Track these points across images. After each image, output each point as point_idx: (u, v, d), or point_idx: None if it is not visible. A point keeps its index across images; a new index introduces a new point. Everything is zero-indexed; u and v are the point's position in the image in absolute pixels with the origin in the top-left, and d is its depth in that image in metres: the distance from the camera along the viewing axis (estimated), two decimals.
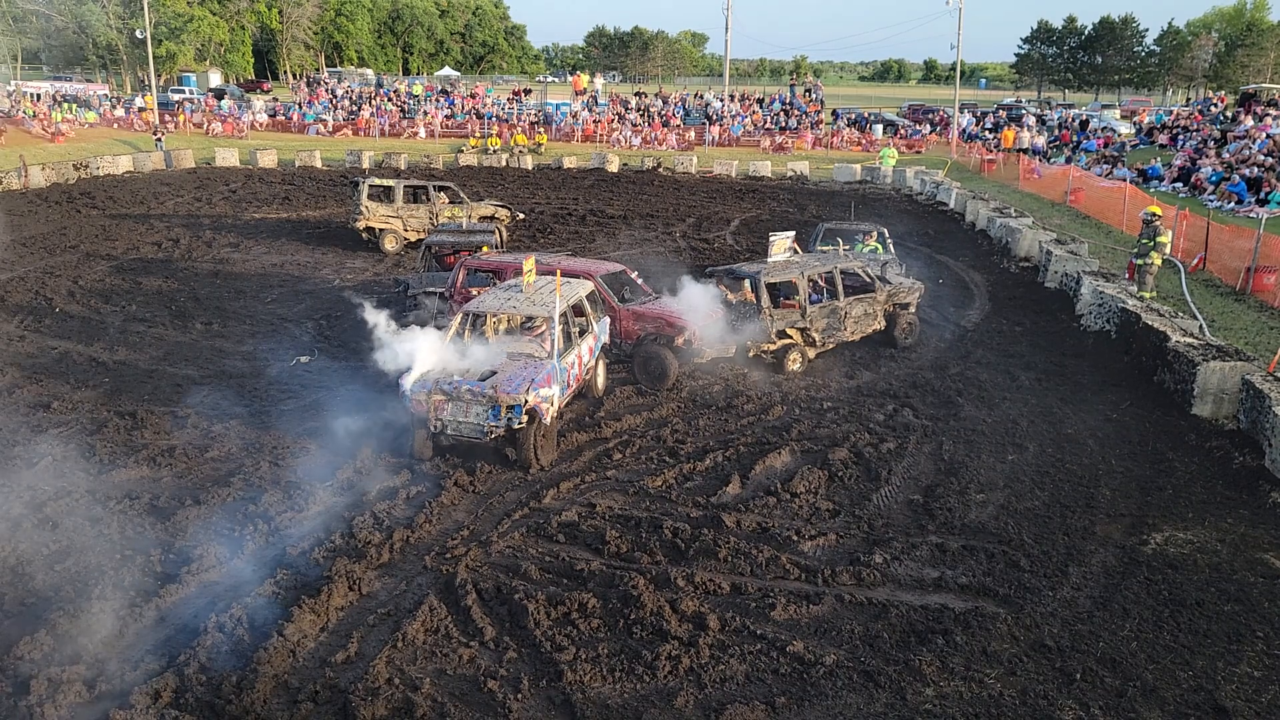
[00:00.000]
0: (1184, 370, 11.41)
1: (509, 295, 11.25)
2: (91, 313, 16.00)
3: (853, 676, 6.38)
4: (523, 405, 9.58)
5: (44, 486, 9.14)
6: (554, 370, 10.21)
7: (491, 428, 9.71)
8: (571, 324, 11.08)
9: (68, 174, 33.29)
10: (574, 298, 11.37)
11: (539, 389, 9.75)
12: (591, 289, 12.34)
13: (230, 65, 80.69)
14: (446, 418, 9.82)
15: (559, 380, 10.29)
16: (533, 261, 11.50)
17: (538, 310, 10.71)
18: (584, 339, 11.40)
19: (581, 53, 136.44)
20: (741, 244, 23.19)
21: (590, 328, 11.80)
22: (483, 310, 11.02)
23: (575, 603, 7.16)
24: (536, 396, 9.68)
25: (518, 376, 9.91)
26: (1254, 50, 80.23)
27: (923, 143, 46.25)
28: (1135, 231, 18.66)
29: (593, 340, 11.78)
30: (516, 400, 9.56)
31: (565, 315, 11.02)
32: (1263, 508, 8.90)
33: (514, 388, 9.66)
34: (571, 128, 48.19)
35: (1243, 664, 6.56)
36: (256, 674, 6.29)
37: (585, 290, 11.94)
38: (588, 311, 11.86)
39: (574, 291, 11.50)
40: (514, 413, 9.60)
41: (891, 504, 9.10)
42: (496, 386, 9.69)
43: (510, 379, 9.86)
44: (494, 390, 9.63)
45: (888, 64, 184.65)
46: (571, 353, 10.85)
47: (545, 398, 9.82)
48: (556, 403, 10.25)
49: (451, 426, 9.84)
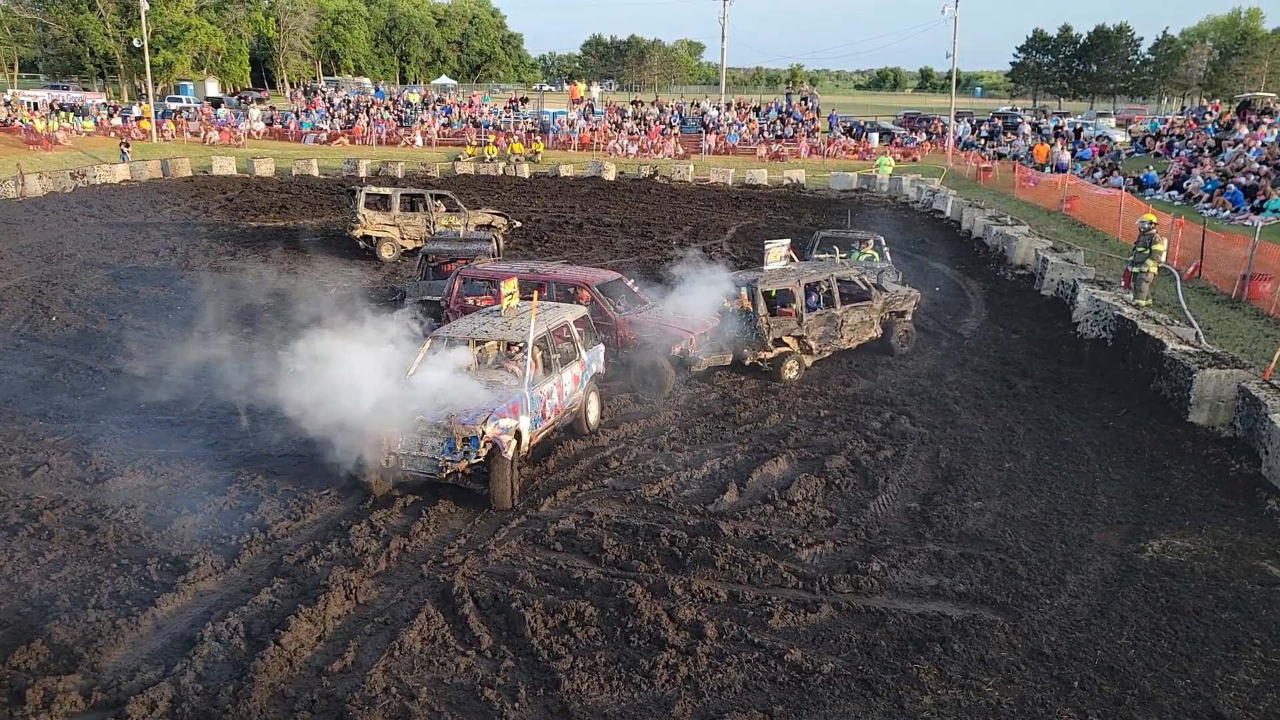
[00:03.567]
0: (1180, 378, 11.43)
1: (484, 320, 10.64)
2: (88, 321, 15.98)
3: (850, 685, 6.37)
4: (479, 437, 8.66)
5: (40, 495, 9.12)
6: (522, 400, 9.39)
7: (447, 463, 8.77)
8: (552, 350, 10.36)
9: (64, 183, 33.26)
10: (556, 322, 10.62)
11: (499, 420, 8.86)
12: (582, 314, 11.54)
13: (227, 74, 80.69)
14: (400, 451, 8.91)
15: (529, 411, 9.47)
16: (514, 284, 10.74)
17: (511, 335, 10.08)
18: (568, 367, 10.62)
19: (578, 61, 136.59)
20: (738, 252, 23.22)
21: (577, 355, 10.96)
22: (453, 336, 10.33)
23: (572, 611, 7.15)
24: (496, 428, 8.78)
25: (477, 405, 9.08)
26: (1248, 59, 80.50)
27: (918, 151, 46.37)
28: (1131, 239, 18.69)
29: (579, 368, 10.86)
30: (472, 431, 8.66)
31: (544, 341, 10.26)
32: (1259, 515, 8.91)
33: (471, 417, 8.80)
34: (568, 136, 48.30)
35: (1240, 671, 6.56)
36: (253, 683, 6.27)
37: (574, 315, 11.15)
38: (575, 337, 10.98)
39: (557, 316, 10.80)
40: (470, 446, 8.67)
41: (889, 512, 9.10)
42: (451, 417, 8.83)
43: (469, 409, 9.01)
44: (448, 420, 8.79)
45: (883, 72, 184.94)
46: (549, 381, 10.07)
47: (506, 429, 8.91)
48: (526, 436, 9.44)
49: (406, 461, 8.93)
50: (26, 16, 70.29)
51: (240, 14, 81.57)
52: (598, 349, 11.60)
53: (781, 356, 13.20)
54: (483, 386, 9.64)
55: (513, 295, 10.58)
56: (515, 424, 9.14)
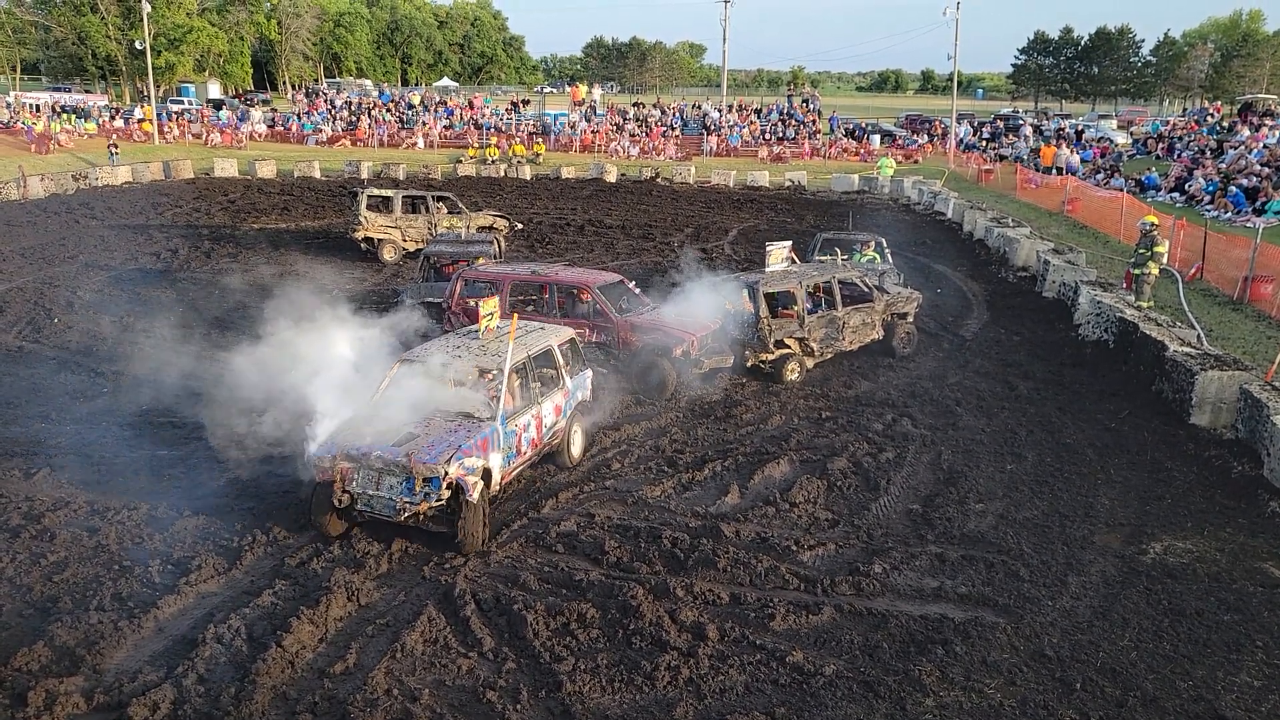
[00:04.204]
0: (1182, 380, 11.42)
1: (458, 342, 9.78)
2: (90, 323, 15.99)
3: (852, 687, 6.37)
4: (441, 478, 7.86)
5: (42, 497, 9.13)
6: (493, 435, 8.58)
7: (405, 505, 7.96)
8: (531, 378, 9.53)
9: (66, 184, 33.32)
10: (538, 347, 9.81)
11: (464, 458, 8.06)
12: (569, 337, 10.67)
13: (229, 76, 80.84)
14: (355, 489, 8.13)
15: (501, 447, 8.69)
16: (493, 304, 9.99)
17: (486, 361, 9.22)
18: (550, 395, 9.78)
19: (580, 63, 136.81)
20: (739, 254, 23.23)
21: (561, 382, 10.12)
22: (423, 359, 9.39)
23: (574, 613, 7.15)
24: (460, 467, 7.98)
25: (442, 442, 8.20)
26: (1250, 60, 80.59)
27: (920, 152, 46.37)
28: (1132, 241, 18.71)
29: (562, 397, 10.03)
30: (434, 471, 7.85)
31: (524, 368, 9.47)
32: (1261, 517, 8.90)
33: (433, 455, 7.97)
34: (569, 138, 48.34)
35: (1242, 673, 6.56)
36: (255, 685, 6.28)
37: (559, 339, 10.32)
38: (559, 363, 10.14)
39: (540, 340, 9.99)
40: (431, 487, 7.89)
41: (891, 514, 9.10)
42: (411, 454, 7.98)
43: (432, 444, 8.16)
44: (408, 458, 7.95)
45: (885, 74, 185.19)
46: (527, 413, 9.24)
47: (471, 469, 8.10)
48: (497, 474, 8.65)
49: (362, 501, 8.14)
50: (29, 19, 70.49)
51: (242, 16, 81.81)
52: (584, 375, 10.78)
53: (783, 358, 13.20)
54: (450, 418, 8.75)
55: (492, 316, 9.90)
56: (483, 463, 8.32)
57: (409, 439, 8.26)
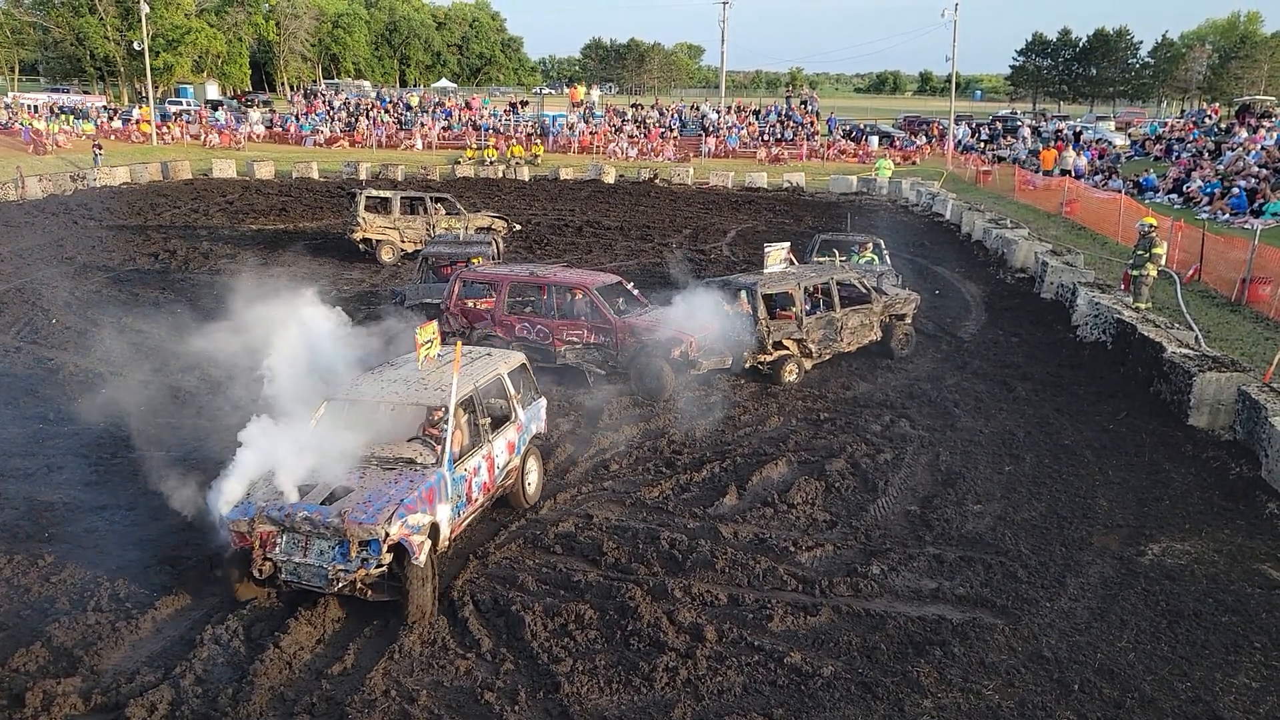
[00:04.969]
0: (1180, 381, 11.43)
1: (395, 376, 8.52)
2: (88, 324, 15.97)
3: (850, 688, 6.37)
4: (381, 540, 6.78)
5: (41, 497, 9.11)
6: (440, 483, 7.50)
7: (339, 573, 6.83)
8: (480, 414, 8.39)
9: (64, 185, 33.29)
10: (486, 377, 8.68)
11: (407, 515, 6.96)
12: (519, 363, 9.53)
13: (227, 77, 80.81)
14: (278, 557, 6.98)
15: (450, 496, 7.62)
16: (432, 330, 8.67)
17: (428, 398, 8.03)
18: (501, 432, 8.72)
19: (578, 64, 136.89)
20: (738, 255, 23.23)
21: (514, 415, 9.05)
22: (355, 397, 8.22)
23: (572, 614, 7.15)
24: (403, 526, 6.88)
25: (380, 496, 7.12)
26: (1248, 62, 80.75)
27: (918, 154, 46.40)
28: (1130, 242, 18.73)
29: (515, 432, 8.97)
30: (372, 533, 6.76)
31: (471, 402, 8.31)
32: (1259, 518, 8.91)
33: (370, 514, 6.87)
34: (568, 139, 48.32)
35: (1241, 675, 6.56)
36: (253, 686, 6.27)
37: (508, 365, 9.22)
38: (509, 393, 9.03)
39: (488, 368, 8.87)
40: (370, 551, 6.81)
41: (889, 515, 9.10)
42: (344, 513, 6.89)
43: (369, 500, 7.06)
44: (340, 518, 6.86)
45: (883, 75, 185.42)
46: (478, 454, 8.18)
47: (416, 526, 7.01)
48: (446, 528, 7.57)
49: (286, 569, 6.99)
50: (27, 19, 70.46)
51: (240, 17, 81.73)
52: (538, 404, 9.77)
53: (781, 359, 13.20)
54: (389, 466, 7.67)
55: (431, 344, 8.55)
56: (430, 517, 7.25)
57: (342, 494, 7.20)
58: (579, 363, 12.95)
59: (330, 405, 8.11)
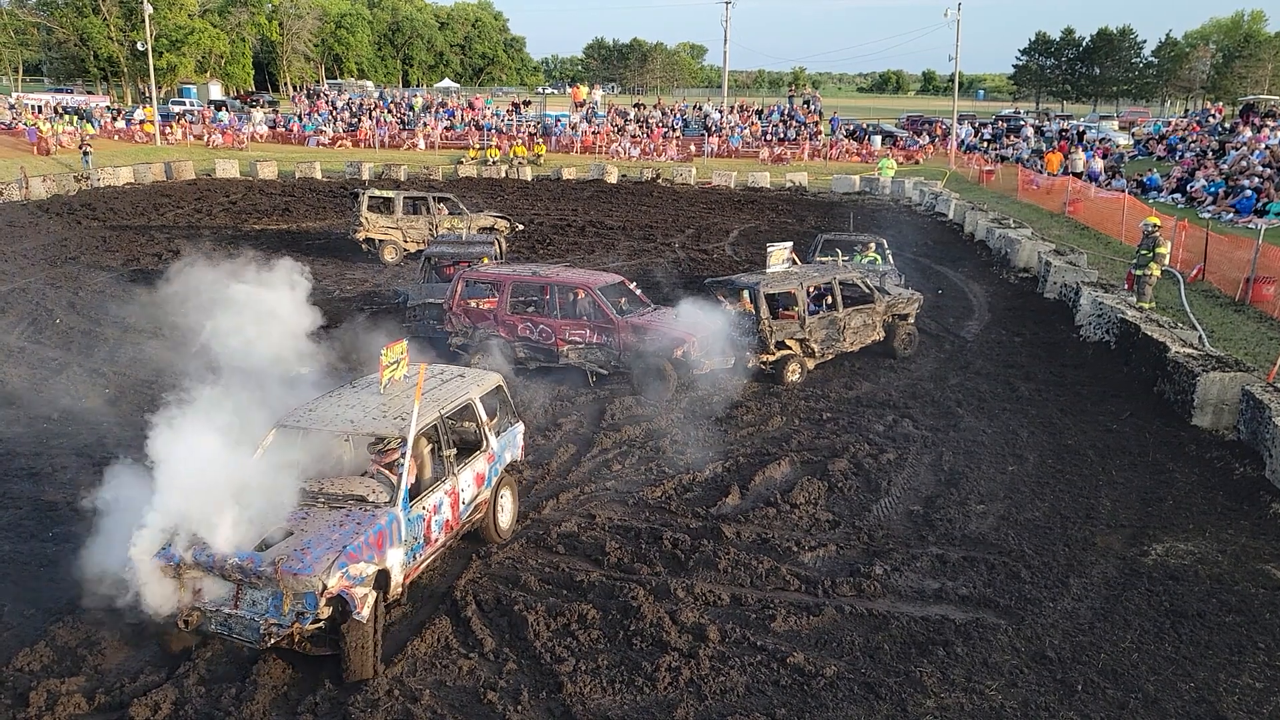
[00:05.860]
0: (1184, 381, 11.41)
1: (351, 401, 7.65)
2: (92, 324, 16.00)
3: (853, 688, 6.36)
4: (318, 593, 6.05)
5: (45, 497, 9.12)
6: (392, 525, 6.72)
7: (271, 628, 6.12)
8: (445, 443, 7.56)
9: (68, 185, 33.34)
10: (454, 402, 7.84)
11: (348, 564, 6.22)
12: (495, 384, 8.69)
13: (231, 77, 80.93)
14: (206, 607, 6.24)
15: (404, 539, 6.85)
16: (401, 349, 7.97)
17: (384, 428, 7.21)
18: (469, 463, 7.89)
19: (580, 64, 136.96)
20: (740, 255, 23.23)
21: (485, 443, 8.24)
22: (306, 424, 7.36)
23: (575, 614, 7.15)
24: (343, 578, 6.15)
25: (321, 541, 6.35)
26: (1251, 61, 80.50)
27: (921, 153, 46.37)
28: (1134, 242, 18.71)
29: (485, 462, 8.15)
30: (308, 585, 6.03)
31: (436, 431, 7.53)
32: (1264, 519, 8.89)
33: (307, 564, 6.11)
34: (570, 139, 48.31)
35: (1245, 675, 6.55)
36: (256, 685, 6.28)
37: (481, 388, 8.37)
38: (481, 419, 8.22)
39: (456, 392, 8.01)
40: (305, 605, 6.08)
41: (891, 515, 9.09)
42: (278, 562, 6.13)
43: (307, 547, 6.28)
44: (273, 567, 6.09)
45: (886, 75, 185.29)
46: (440, 489, 7.39)
47: (359, 578, 6.28)
48: (398, 573, 6.76)
49: (215, 620, 6.25)
50: (31, 20, 70.58)
51: (243, 17, 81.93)
52: (515, 430, 8.96)
53: (784, 359, 13.20)
54: (337, 504, 6.88)
55: (397, 365, 7.86)
56: (376, 566, 6.49)
57: (279, 538, 6.43)
58: (581, 362, 12.97)
59: (279, 432, 7.29)
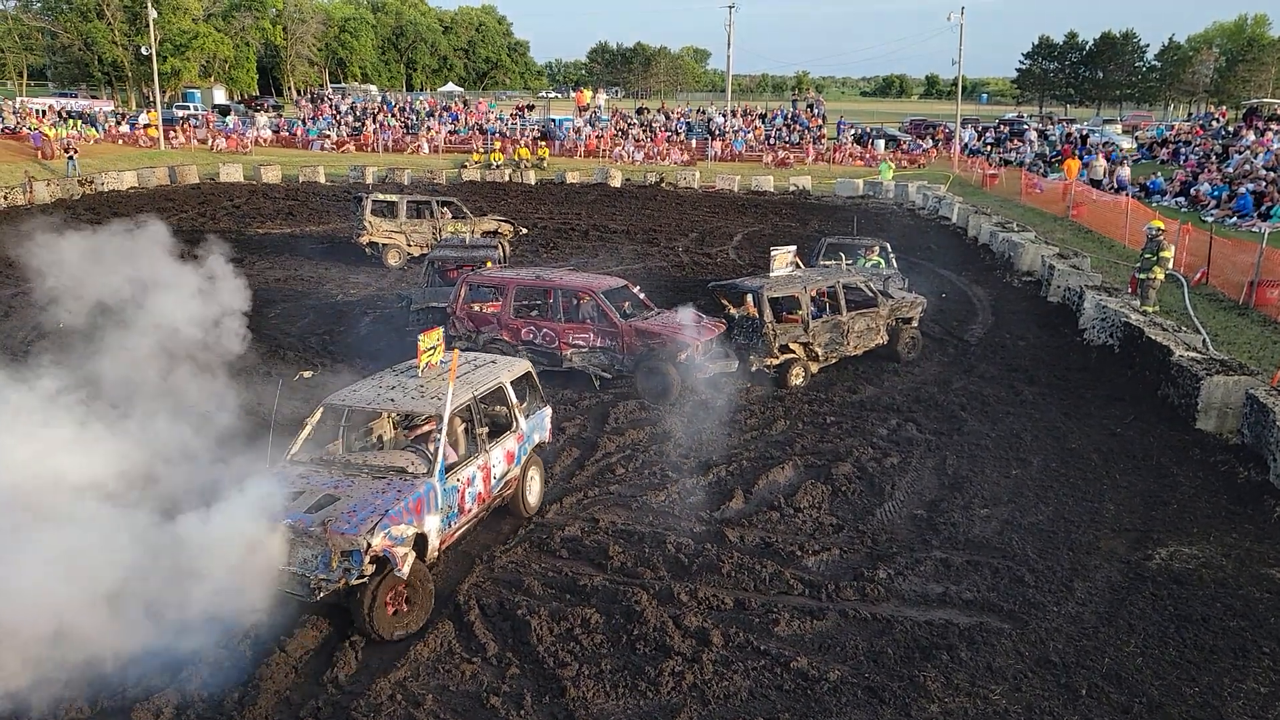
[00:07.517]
0: (1188, 384, 11.39)
1: (393, 383, 8.50)
2: (93, 327, 15.99)
3: (857, 693, 6.35)
4: (363, 551, 6.64)
5: None
6: (429, 494, 7.43)
7: (321, 582, 6.65)
8: (478, 423, 8.31)
9: (72, 189, 33.41)
10: (486, 385, 8.58)
11: (390, 526, 6.86)
12: (524, 371, 9.46)
13: (235, 82, 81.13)
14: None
15: (441, 507, 7.57)
16: (437, 336, 8.78)
17: (422, 407, 8.05)
18: (500, 442, 8.60)
19: (584, 68, 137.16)
20: (744, 258, 23.23)
21: (515, 424, 8.96)
22: (350, 404, 8.30)
23: (578, 618, 7.14)
24: (386, 538, 6.78)
25: (365, 506, 7.02)
26: (1255, 65, 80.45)
27: (924, 157, 46.37)
28: (1137, 246, 18.68)
29: (515, 441, 8.86)
30: (354, 544, 6.64)
31: (469, 411, 8.32)
32: (1268, 522, 8.86)
33: (353, 524, 6.77)
34: (574, 143, 48.37)
35: (1249, 680, 6.53)
36: (258, 690, 6.28)
37: (511, 374, 9.11)
38: (511, 402, 8.94)
39: (489, 377, 8.75)
40: (352, 561, 6.66)
41: (895, 519, 9.08)
42: (327, 522, 6.79)
43: (353, 509, 6.96)
44: (323, 527, 6.75)
45: (889, 79, 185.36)
46: (472, 464, 8.09)
47: (400, 538, 6.93)
48: (435, 539, 7.52)
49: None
50: (35, 25, 70.84)
51: (247, 22, 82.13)
52: (542, 413, 9.66)
53: (787, 363, 13.18)
54: (379, 474, 7.59)
55: (434, 351, 8.63)
56: (416, 529, 7.17)
57: (328, 502, 7.10)
58: (585, 366, 12.97)
59: (325, 410, 8.24)
